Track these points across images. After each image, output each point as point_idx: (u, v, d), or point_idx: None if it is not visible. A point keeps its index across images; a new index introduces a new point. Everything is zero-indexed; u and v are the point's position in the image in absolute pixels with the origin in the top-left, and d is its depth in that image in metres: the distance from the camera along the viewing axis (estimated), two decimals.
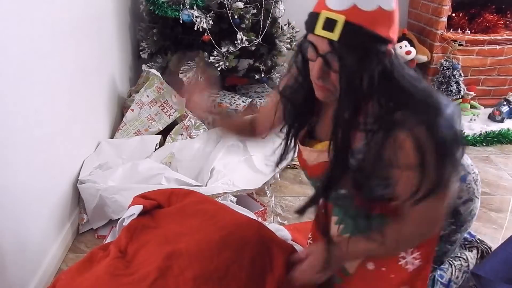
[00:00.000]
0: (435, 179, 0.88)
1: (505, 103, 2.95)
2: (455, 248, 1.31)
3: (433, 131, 0.85)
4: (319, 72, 0.88)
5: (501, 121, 2.90)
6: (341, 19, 0.81)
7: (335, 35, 0.82)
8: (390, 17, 0.84)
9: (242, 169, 2.10)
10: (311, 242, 1.39)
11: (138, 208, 1.41)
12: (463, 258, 1.37)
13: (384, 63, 0.86)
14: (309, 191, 2.12)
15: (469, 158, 1.24)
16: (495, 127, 2.82)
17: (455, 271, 1.34)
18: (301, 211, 1.06)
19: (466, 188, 1.20)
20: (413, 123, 0.85)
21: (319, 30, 0.84)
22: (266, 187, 2.09)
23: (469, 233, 1.47)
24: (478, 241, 1.46)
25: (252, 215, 1.81)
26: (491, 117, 2.94)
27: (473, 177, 1.21)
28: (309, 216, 1.18)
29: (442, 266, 1.34)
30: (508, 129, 2.77)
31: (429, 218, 0.97)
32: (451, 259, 1.36)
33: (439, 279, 1.32)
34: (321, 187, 0.99)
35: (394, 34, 0.86)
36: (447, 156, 0.88)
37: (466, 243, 1.43)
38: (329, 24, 0.83)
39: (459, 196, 1.20)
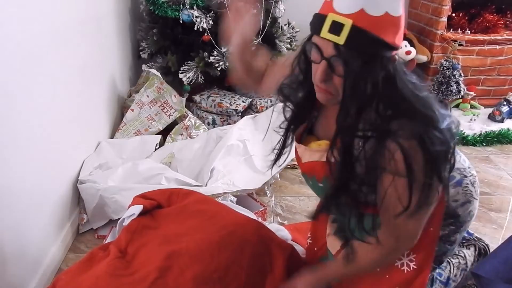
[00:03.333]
0: (420, 197, 0.89)
1: (505, 103, 2.95)
2: (454, 248, 1.31)
3: (425, 145, 0.86)
4: (323, 75, 0.88)
5: (501, 121, 2.90)
6: (348, 23, 0.81)
7: (341, 39, 0.82)
8: (396, 23, 0.84)
9: (242, 169, 2.10)
10: (311, 242, 1.40)
11: (138, 208, 1.41)
12: (461, 256, 1.37)
13: (387, 69, 0.86)
14: (310, 191, 2.13)
15: (467, 160, 1.24)
16: (495, 127, 2.82)
17: (453, 269, 1.34)
18: (314, 216, 1.10)
19: (463, 191, 1.20)
20: (406, 135, 0.86)
21: (325, 33, 0.84)
22: (266, 187, 2.09)
23: (467, 232, 1.48)
24: (476, 239, 1.46)
25: (252, 215, 1.81)
26: (491, 117, 2.94)
27: (470, 180, 1.21)
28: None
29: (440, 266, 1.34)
30: (508, 129, 2.77)
31: (406, 234, 1.00)
32: (449, 258, 1.36)
33: (438, 277, 1.32)
34: (332, 192, 0.99)
35: (399, 40, 0.86)
36: (434, 172, 0.89)
37: (463, 241, 1.43)
38: (336, 28, 0.82)
39: (456, 199, 1.20)
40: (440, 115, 0.89)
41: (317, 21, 0.86)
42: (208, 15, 2.43)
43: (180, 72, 2.55)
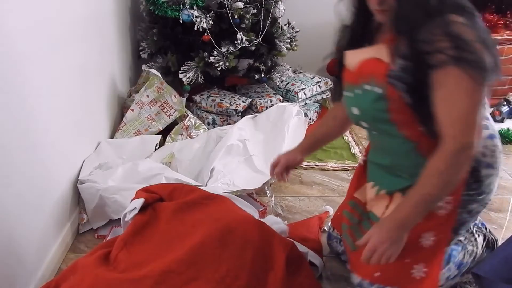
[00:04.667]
0: (477, 51, 0.96)
1: (505, 103, 2.95)
2: (470, 222, 1.30)
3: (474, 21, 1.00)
4: None
5: (501, 121, 2.90)
6: None
7: None
8: None
9: (242, 169, 2.10)
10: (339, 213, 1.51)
11: (139, 202, 1.41)
12: (475, 246, 1.39)
13: None
14: (310, 191, 2.13)
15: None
16: (495, 127, 2.81)
17: (466, 255, 1.36)
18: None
19: (491, 149, 1.21)
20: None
21: None
22: (266, 187, 2.09)
23: (482, 223, 1.51)
24: (489, 231, 1.48)
25: (255, 212, 1.81)
26: (491, 117, 2.94)
27: (498, 145, 1.24)
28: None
29: (456, 247, 1.36)
30: (508, 129, 2.77)
31: (467, 118, 0.99)
32: (465, 242, 1.37)
33: (452, 258, 1.34)
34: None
35: None
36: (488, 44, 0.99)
37: (477, 229, 1.45)
38: None
39: (484, 153, 1.20)
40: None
41: None
42: (208, 15, 2.43)
43: (180, 72, 2.55)
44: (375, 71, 1.10)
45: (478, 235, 1.44)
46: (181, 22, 2.46)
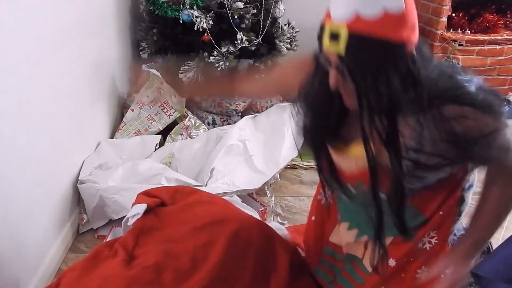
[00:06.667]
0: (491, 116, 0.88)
1: (505, 103, 2.95)
2: (457, 222, 1.28)
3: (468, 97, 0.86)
4: (334, 82, 0.84)
5: None
6: (343, 31, 0.75)
7: (340, 49, 0.77)
8: (401, 19, 0.75)
9: (242, 169, 2.10)
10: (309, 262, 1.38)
11: (142, 207, 1.40)
12: None
13: (402, 69, 0.79)
14: (310, 191, 2.13)
15: None
16: None
17: None
18: (407, 234, 1.06)
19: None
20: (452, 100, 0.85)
21: (327, 44, 0.80)
22: (266, 187, 2.09)
23: None
24: None
25: (255, 214, 1.81)
26: None
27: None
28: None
29: None
30: None
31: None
32: None
33: None
34: (394, 197, 0.95)
35: (412, 32, 0.79)
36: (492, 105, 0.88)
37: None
38: (334, 37, 0.77)
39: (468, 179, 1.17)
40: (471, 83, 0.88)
41: (320, 32, 0.83)
42: (208, 15, 2.43)
43: (180, 72, 2.55)
44: (367, 179, 0.96)
45: None
46: (181, 22, 2.46)
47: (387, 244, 1.12)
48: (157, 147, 2.25)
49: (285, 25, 2.71)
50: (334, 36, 0.77)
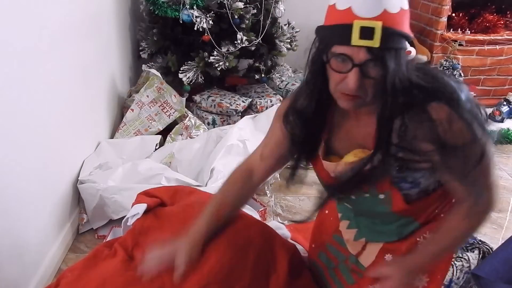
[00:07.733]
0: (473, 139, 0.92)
1: (505, 103, 2.95)
2: None
3: (457, 103, 0.92)
4: (357, 82, 0.88)
5: (501, 121, 2.90)
6: (378, 25, 0.83)
7: (375, 42, 0.84)
8: (408, 15, 0.89)
9: None
10: (314, 246, 1.39)
11: (142, 207, 1.40)
12: (465, 259, 1.36)
13: (408, 59, 0.91)
14: (310, 191, 2.13)
15: None
16: (495, 127, 2.82)
17: (456, 272, 1.33)
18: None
19: None
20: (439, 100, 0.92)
21: (356, 40, 0.85)
22: (266, 187, 2.09)
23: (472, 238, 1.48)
24: (480, 242, 1.45)
25: (255, 214, 1.81)
26: (491, 117, 2.94)
27: None
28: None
29: None
30: (508, 129, 2.77)
31: (490, 181, 1.03)
32: (453, 260, 1.36)
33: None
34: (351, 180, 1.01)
35: (409, 30, 0.91)
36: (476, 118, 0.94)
37: (467, 244, 1.43)
38: (367, 33, 0.84)
39: None
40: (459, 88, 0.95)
41: (341, 31, 0.87)
42: (208, 15, 2.43)
43: (180, 72, 2.55)
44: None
45: (470, 250, 1.42)
46: (181, 22, 2.46)
47: (380, 247, 1.18)
48: (157, 147, 2.25)
49: (285, 25, 2.71)
50: (367, 32, 0.84)
